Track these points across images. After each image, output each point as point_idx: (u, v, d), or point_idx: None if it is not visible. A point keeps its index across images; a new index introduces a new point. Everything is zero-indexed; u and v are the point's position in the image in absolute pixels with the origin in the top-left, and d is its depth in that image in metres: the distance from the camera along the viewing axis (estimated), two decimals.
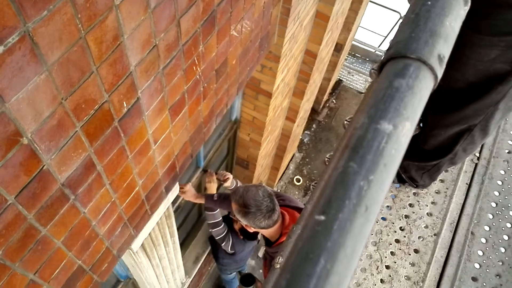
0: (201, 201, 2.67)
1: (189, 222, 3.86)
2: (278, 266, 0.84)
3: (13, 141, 0.87)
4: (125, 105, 1.22)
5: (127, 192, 1.53)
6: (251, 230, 1.98)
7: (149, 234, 2.16)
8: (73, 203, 1.21)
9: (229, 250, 3.27)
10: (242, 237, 3.22)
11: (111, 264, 1.71)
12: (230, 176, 2.86)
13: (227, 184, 2.85)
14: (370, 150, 0.36)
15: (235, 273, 4.28)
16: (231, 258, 3.46)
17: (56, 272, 1.29)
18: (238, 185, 2.97)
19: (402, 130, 0.39)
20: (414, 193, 2.57)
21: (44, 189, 1.05)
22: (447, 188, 2.57)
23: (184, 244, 3.90)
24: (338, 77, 6.85)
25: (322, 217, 0.32)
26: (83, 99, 1.03)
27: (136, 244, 1.97)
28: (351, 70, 7.09)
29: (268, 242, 2.07)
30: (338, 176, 0.35)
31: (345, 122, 3.24)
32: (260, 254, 4.91)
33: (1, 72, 0.74)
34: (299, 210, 2.11)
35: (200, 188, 3.35)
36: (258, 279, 2.23)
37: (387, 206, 2.45)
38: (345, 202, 0.32)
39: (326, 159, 3.86)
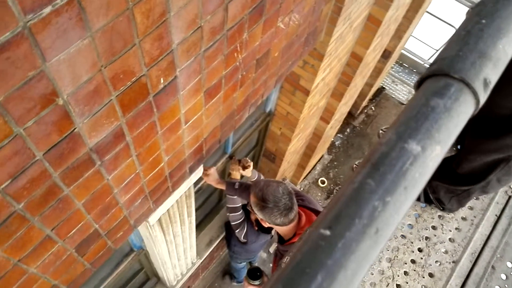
0: (222, 187, 2.69)
1: (208, 205, 3.90)
2: (283, 265, 0.84)
3: (49, 100, 0.90)
4: (162, 81, 1.23)
5: (152, 166, 1.56)
6: (266, 225, 1.97)
7: (167, 210, 2.20)
8: (98, 168, 1.24)
9: (242, 238, 3.28)
10: (256, 229, 3.22)
11: (126, 233, 1.75)
12: (251, 164, 2.86)
13: (246, 173, 2.85)
14: (392, 169, 0.34)
15: (245, 263, 4.30)
16: (242, 247, 3.48)
17: (72, 231, 1.34)
18: (261, 178, 2.97)
19: (431, 153, 0.37)
20: (439, 216, 2.48)
21: (72, 150, 1.08)
22: (474, 217, 2.47)
23: (200, 225, 3.95)
24: (381, 85, 6.68)
25: (328, 232, 0.30)
26: (122, 69, 1.05)
27: (153, 218, 2.01)
28: (396, 79, 6.89)
29: (281, 239, 2.06)
30: (353, 191, 0.33)
31: (380, 131, 3.16)
32: (272, 249, 4.91)
33: (45, 32, 0.75)
34: (317, 213, 2.09)
35: (224, 174, 3.38)
36: (266, 273, 2.22)
37: (409, 224, 2.38)
38: (355, 220, 0.31)
39: (355, 166, 3.79)
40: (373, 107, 6.54)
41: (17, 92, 0.81)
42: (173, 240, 2.67)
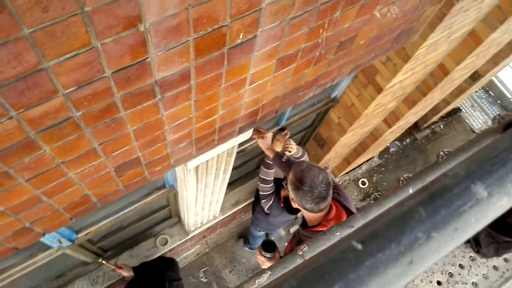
0: (270, 154, 2.67)
1: (245, 168, 3.94)
2: (300, 253, 0.82)
3: (132, 23, 0.92)
4: (241, 36, 1.21)
5: (206, 115, 1.58)
6: (295, 205, 1.96)
7: (207, 160, 2.25)
8: (157, 102, 1.28)
9: (266, 209, 3.32)
10: (282, 206, 3.23)
11: (164, 169, 1.82)
12: (294, 147, 2.86)
13: (291, 149, 2.84)
14: (449, 206, 0.31)
15: (263, 232, 4.37)
16: (265, 217, 3.52)
17: (117, 152, 1.40)
18: (305, 156, 2.94)
19: (496, 203, 0.33)
20: (471, 257, 2.35)
21: (139, 78, 1.11)
22: (507, 269, 2.31)
23: (231, 184, 4.02)
24: (458, 105, 6.27)
25: (359, 246, 0.28)
26: (207, 14, 1.05)
27: (192, 164, 2.06)
28: (476, 105, 6.44)
29: (304, 223, 2.05)
30: (400, 214, 0.30)
31: (441, 153, 2.99)
32: (292, 230, 4.93)
33: None
34: (348, 212, 2.04)
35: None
36: (279, 250, 2.24)
37: None
38: (392, 244, 0.29)
39: (402, 179, 3.65)
40: (442, 126, 6.19)
41: (106, 7, 0.84)
42: (203, 190, 2.75)
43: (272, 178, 3.06)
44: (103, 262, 3.19)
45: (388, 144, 5.66)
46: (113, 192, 1.71)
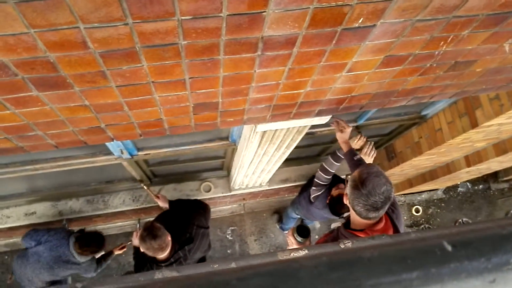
0: (344, 148, 2.60)
1: (307, 151, 3.91)
2: (342, 246, 0.80)
3: None
4: (360, 21, 1.17)
5: (293, 86, 1.57)
6: (346, 202, 1.91)
7: (276, 130, 2.26)
8: (255, 57, 1.29)
9: (311, 197, 3.29)
10: (327, 202, 3.19)
11: (235, 122, 1.85)
12: (371, 156, 2.79)
13: (361, 150, 2.78)
14: None
15: (298, 217, 4.37)
16: (307, 204, 3.51)
17: (201, 90, 1.45)
18: (371, 160, 2.85)
19: None
20: None
21: (248, 28, 1.12)
22: None
23: (288, 161, 4.00)
24: None
25: (449, 248, 0.28)
26: None
27: (261, 127, 2.08)
28: None
29: (347, 223, 2.00)
30: (498, 234, 0.29)
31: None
32: (333, 226, 4.87)
33: None
34: (396, 231, 1.97)
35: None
36: (311, 240, 2.24)
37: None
38: (481, 258, 0.27)
39: (460, 221, 3.43)
40: None
41: None
42: (261, 156, 2.78)
43: (333, 172, 3.02)
44: (144, 187, 3.40)
45: (459, 183, 5.31)
46: (184, 126, 1.79)
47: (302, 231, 2.18)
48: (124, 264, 4.72)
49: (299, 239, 2.17)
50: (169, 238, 2.52)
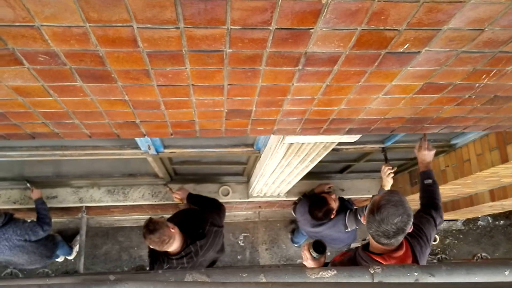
0: (422, 167, 2.56)
1: (329, 167, 3.89)
2: (372, 271, 0.80)
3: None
4: (405, 47, 1.17)
5: (327, 103, 1.57)
6: (363, 222, 1.92)
7: (303, 143, 2.26)
8: (295, 71, 1.30)
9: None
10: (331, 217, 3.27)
11: (265, 132, 1.86)
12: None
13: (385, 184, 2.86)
14: None
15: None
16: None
17: (237, 97, 1.47)
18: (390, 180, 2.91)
19: None
20: None
21: (295, 43, 1.13)
22: None
23: (309, 174, 3.98)
24: None
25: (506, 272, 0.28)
26: (388, 13, 1.02)
27: (289, 139, 2.09)
28: None
29: (367, 245, 1.99)
30: None
31: None
32: (353, 245, 4.80)
33: None
34: (414, 261, 1.94)
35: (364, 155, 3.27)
36: (326, 257, 2.22)
37: None
38: None
39: (479, 256, 3.34)
40: None
41: None
42: (284, 167, 2.78)
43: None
44: (168, 187, 3.48)
45: (479, 216, 5.17)
46: (214, 130, 1.81)
47: (318, 247, 2.16)
48: (135, 257, 4.78)
49: (315, 254, 2.16)
50: (172, 231, 2.54)
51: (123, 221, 4.68)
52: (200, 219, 2.91)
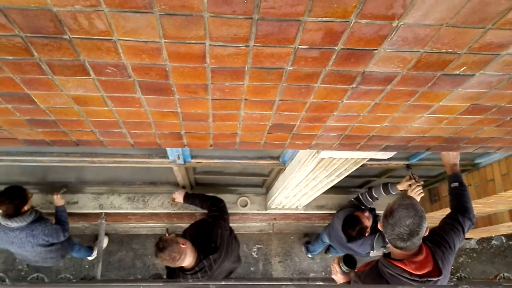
0: (448, 171, 2.56)
1: (350, 181, 3.89)
2: None
3: (390, 17, 0.97)
4: (461, 70, 1.20)
5: (371, 120, 1.60)
6: (380, 228, 2.00)
7: (334, 158, 2.28)
8: (348, 89, 1.33)
9: (336, 213, 3.46)
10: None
11: (302, 146, 1.89)
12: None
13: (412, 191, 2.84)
14: None
15: (328, 244, 4.32)
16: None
17: (285, 112, 1.50)
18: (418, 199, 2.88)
19: None
20: None
21: (355, 63, 1.16)
22: None
23: (331, 189, 4.00)
24: None
25: None
26: (453, 39, 1.05)
27: (324, 154, 2.11)
28: None
29: (388, 253, 2.04)
30: None
31: None
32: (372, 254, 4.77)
33: None
34: (435, 266, 1.97)
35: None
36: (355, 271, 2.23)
37: None
38: None
39: (502, 275, 3.31)
40: None
41: None
42: (309, 180, 2.80)
43: (374, 200, 3.10)
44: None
45: (493, 235, 5.15)
46: (253, 143, 1.84)
47: (348, 261, 2.17)
48: (149, 265, 4.78)
49: (345, 269, 2.17)
50: (183, 247, 2.57)
51: (138, 229, 4.70)
52: (210, 231, 2.93)
